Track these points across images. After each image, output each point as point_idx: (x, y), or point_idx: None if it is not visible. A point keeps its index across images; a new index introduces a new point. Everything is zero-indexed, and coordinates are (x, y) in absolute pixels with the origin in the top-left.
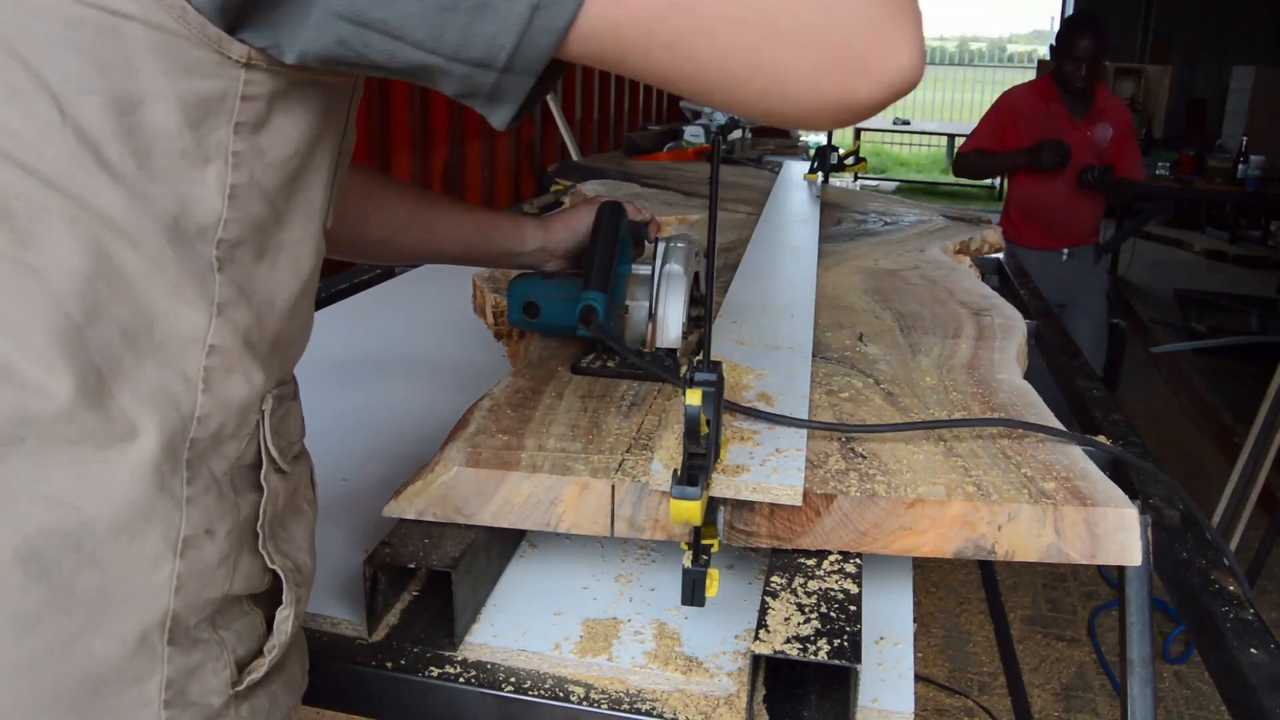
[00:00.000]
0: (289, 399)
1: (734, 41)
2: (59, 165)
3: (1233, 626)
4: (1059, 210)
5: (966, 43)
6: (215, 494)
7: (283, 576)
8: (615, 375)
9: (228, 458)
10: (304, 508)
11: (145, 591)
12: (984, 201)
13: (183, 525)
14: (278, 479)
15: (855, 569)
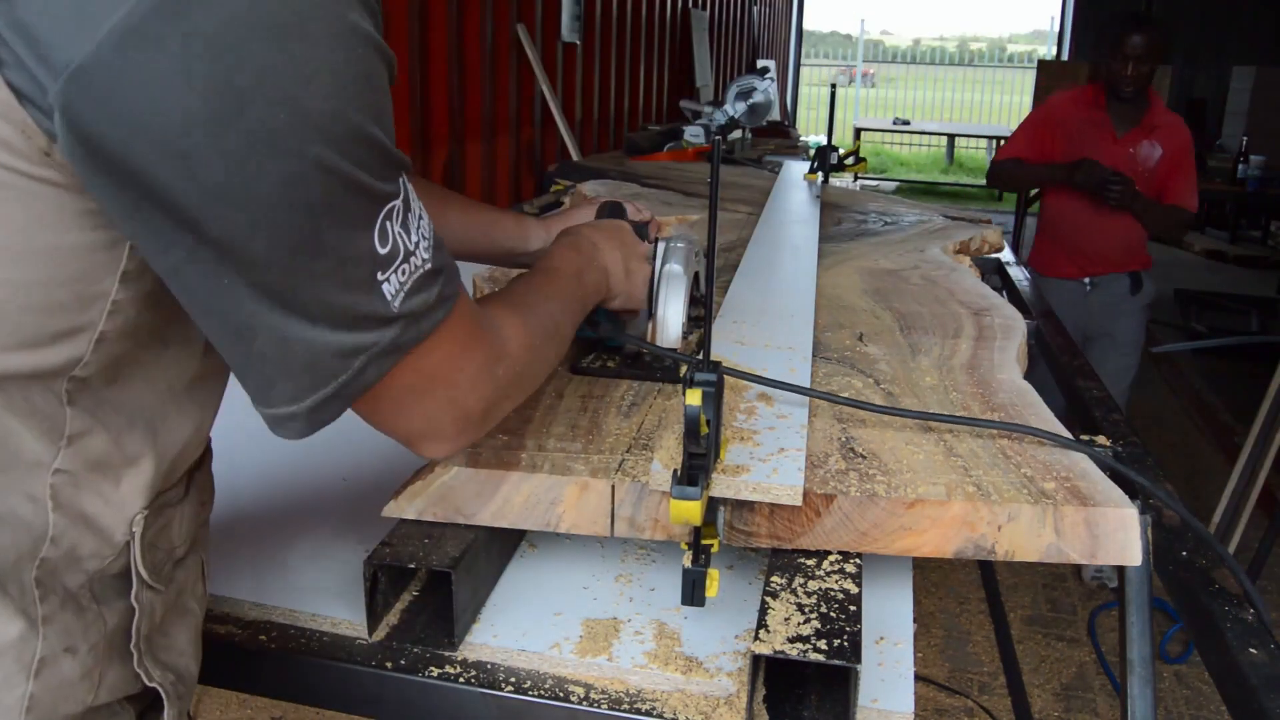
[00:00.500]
0: (172, 505)
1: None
2: None
3: (1233, 626)
4: (1082, 233)
5: (966, 43)
6: (73, 609)
7: (164, 692)
8: (615, 375)
9: (86, 573)
10: (191, 606)
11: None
12: (984, 201)
13: (39, 646)
14: (151, 595)
15: (855, 569)
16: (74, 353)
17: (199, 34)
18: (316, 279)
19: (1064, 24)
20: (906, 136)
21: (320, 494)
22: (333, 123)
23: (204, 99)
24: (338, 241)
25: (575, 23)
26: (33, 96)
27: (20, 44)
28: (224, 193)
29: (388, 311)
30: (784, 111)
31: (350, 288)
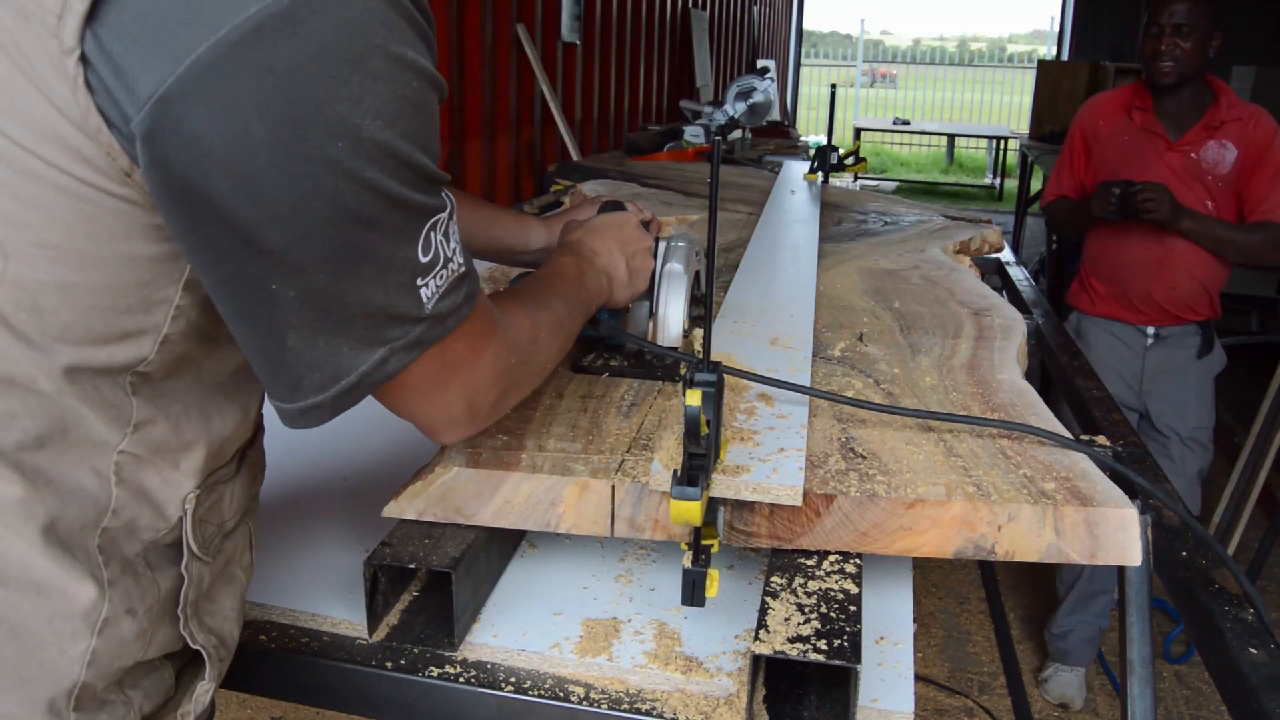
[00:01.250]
0: (224, 482)
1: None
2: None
3: (1233, 626)
4: (1139, 269)
5: (966, 43)
6: (132, 575)
7: (206, 654)
8: (617, 374)
9: (142, 542)
10: (237, 574)
11: (59, 664)
12: (984, 201)
13: (105, 607)
14: (199, 566)
15: (855, 569)
16: (139, 352)
17: (271, 70)
18: (360, 285)
19: (1064, 24)
20: (906, 136)
21: (320, 494)
22: (384, 149)
23: (271, 128)
24: (383, 252)
25: (575, 23)
26: (118, 123)
27: (109, 74)
28: (283, 211)
29: (420, 312)
30: (784, 111)
31: (390, 292)
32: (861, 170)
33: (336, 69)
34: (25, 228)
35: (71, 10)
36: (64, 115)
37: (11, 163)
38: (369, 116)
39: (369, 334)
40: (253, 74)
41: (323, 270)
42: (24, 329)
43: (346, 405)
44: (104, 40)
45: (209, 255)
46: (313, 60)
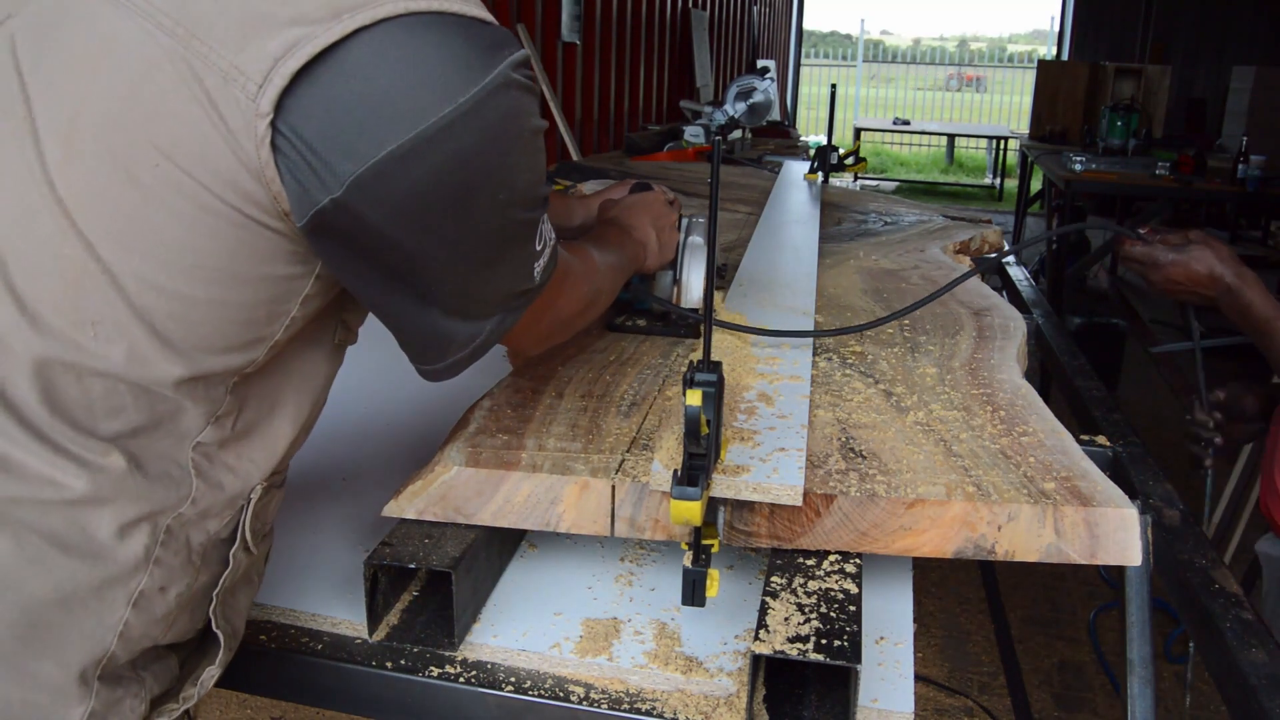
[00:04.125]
0: (276, 488)
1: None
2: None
3: (1233, 626)
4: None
5: (966, 43)
6: (182, 559)
7: (222, 639)
8: (645, 332)
9: (208, 532)
10: (254, 579)
11: (95, 632)
12: (984, 201)
13: (144, 580)
14: (244, 556)
15: (855, 569)
16: (254, 356)
17: (456, 154)
18: (499, 280)
19: (1064, 24)
20: (906, 136)
21: (320, 494)
22: (529, 193)
23: (453, 195)
24: (518, 257)
25: (575, 23)
26: (298, 183)
27: (300, 145)
28: (453, 248)
29: (531, 285)
30: (784, 111)
31: (517, 280)
32: (861, 170)
33: (496, 145)
34: (192, 251)
35: (272, 85)
36: (244, 165)
37: (190, 197)
38: (520, 173)
39: (500, 307)
40: (443, 157)
41: (474, 275)
42: (172, 337)
43: (480, 356)
44: (298, 116)
45: (379, 279)
46: (482, 142)
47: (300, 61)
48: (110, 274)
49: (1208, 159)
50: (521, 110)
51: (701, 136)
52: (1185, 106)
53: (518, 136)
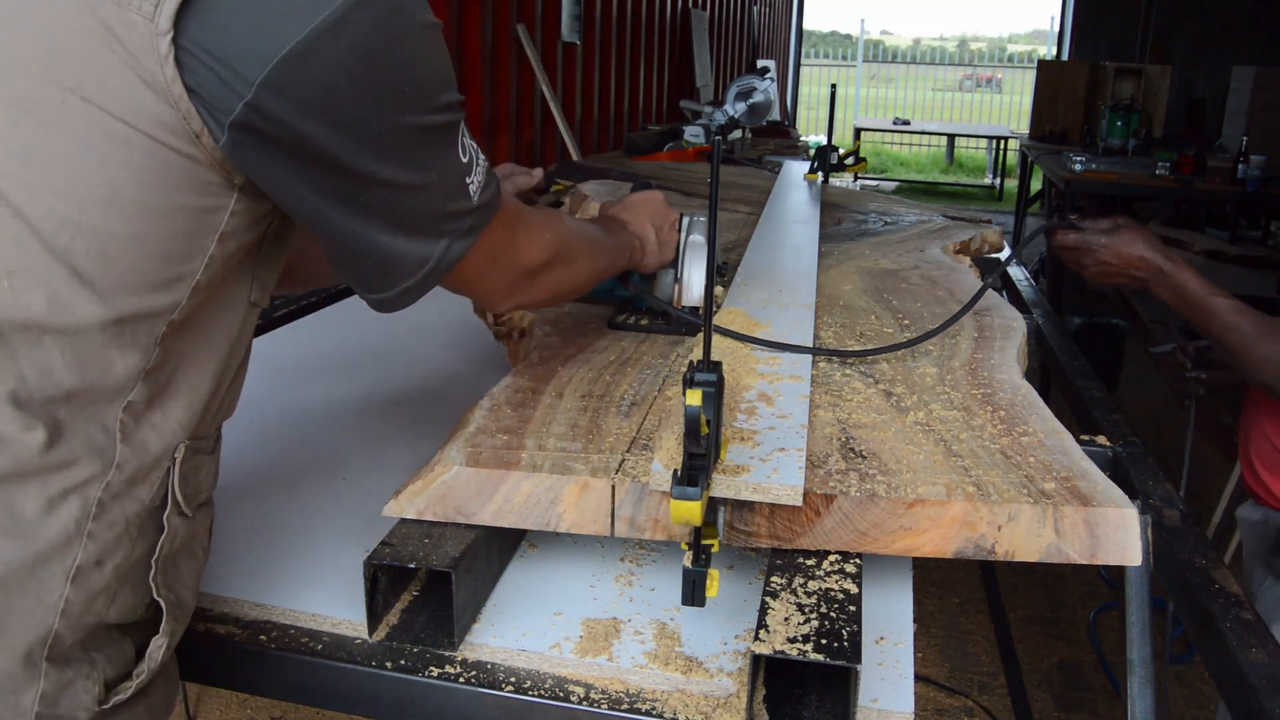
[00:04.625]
0: (204, 453)
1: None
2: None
3: (1233, 626)
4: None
5: (966, 43)
6: (117, 531)
7: (164, 607)
8: (647, 330)
9: (140, 501)
10: (198, 552)
11: (37, 611)
12: (984, 201)
13: (79, 554)
14: (179, 521)
15: (855, 569)
16: (176, 298)
17: (349, 44)
18: (429, 191)
19: (1064, 24)
20: (906, 136)
21: (320, 494)
22: (434, 89)
23: (358, 86)
24: (444, 167)
25: (575, 23)
26: (207, 96)
27: (205, 56)
28: (369, 140)
29: (470, 205)
30: (784, 111)
31: (451, 195)
32: (861, 170)
33: (396, 38)
34: (107, 185)
35: (168, 1)
36: (150, 87)
37: (100, 129)
38: (422, 66)
39: (442, 226)
40: (342, 49)
41: (400, 180)
42: (92, 277)
43: (430, 285)
44: (196, 28)
45: (310, 187)
46: (382, 33)
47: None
48: (24, 219)
49: (1208, 159)
50: (409, 4)
51: (701, 136)
52: (1185, 106)
53: (410, 27)
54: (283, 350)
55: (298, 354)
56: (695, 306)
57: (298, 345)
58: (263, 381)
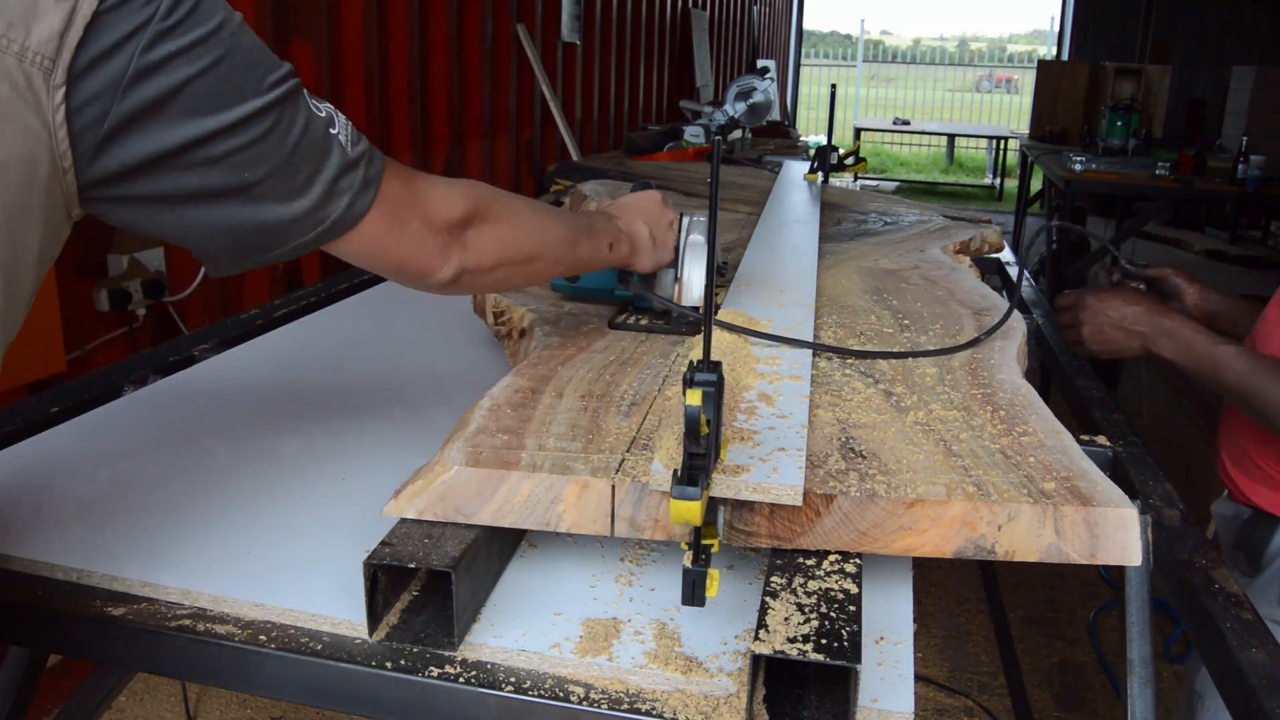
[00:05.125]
0: None
1: None
2: None
3: (1233, 626)
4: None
5: (967, 43)
6: None
7: None
8: (647, 330)
9: None
10: None
11: None
12: (984, 201)
13: None
14: None
15: (855, 569)
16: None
17: (198, 41)
18: (299, 152)
19: (1064, 24)
20: (906, 136)
21: (320, 494)
22: (260, 61)
23: (204, 78)
24: (299, 123)
25: (575, 23)
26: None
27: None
28: (227, 127)
29: (346, 157)
30: (784, 111)
31: (319, 147)
32: (861, 170)
33: (227, 38)
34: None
35: (62, 57)
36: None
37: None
38: (244, 52)
39: (329, 188)
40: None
41: (269, 153)
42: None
43: (328, 236)
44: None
45: (186, 180)
46: (230, 35)
47: (81, 31)
48: None
49: (1208, 159)
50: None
51: (701, 136)
52: (1185, 106)
53: (225, 24)
54: (283, 350)
55: (298, 353)
56: (695, 306)
57: (298, 345)
58: (263, 381)
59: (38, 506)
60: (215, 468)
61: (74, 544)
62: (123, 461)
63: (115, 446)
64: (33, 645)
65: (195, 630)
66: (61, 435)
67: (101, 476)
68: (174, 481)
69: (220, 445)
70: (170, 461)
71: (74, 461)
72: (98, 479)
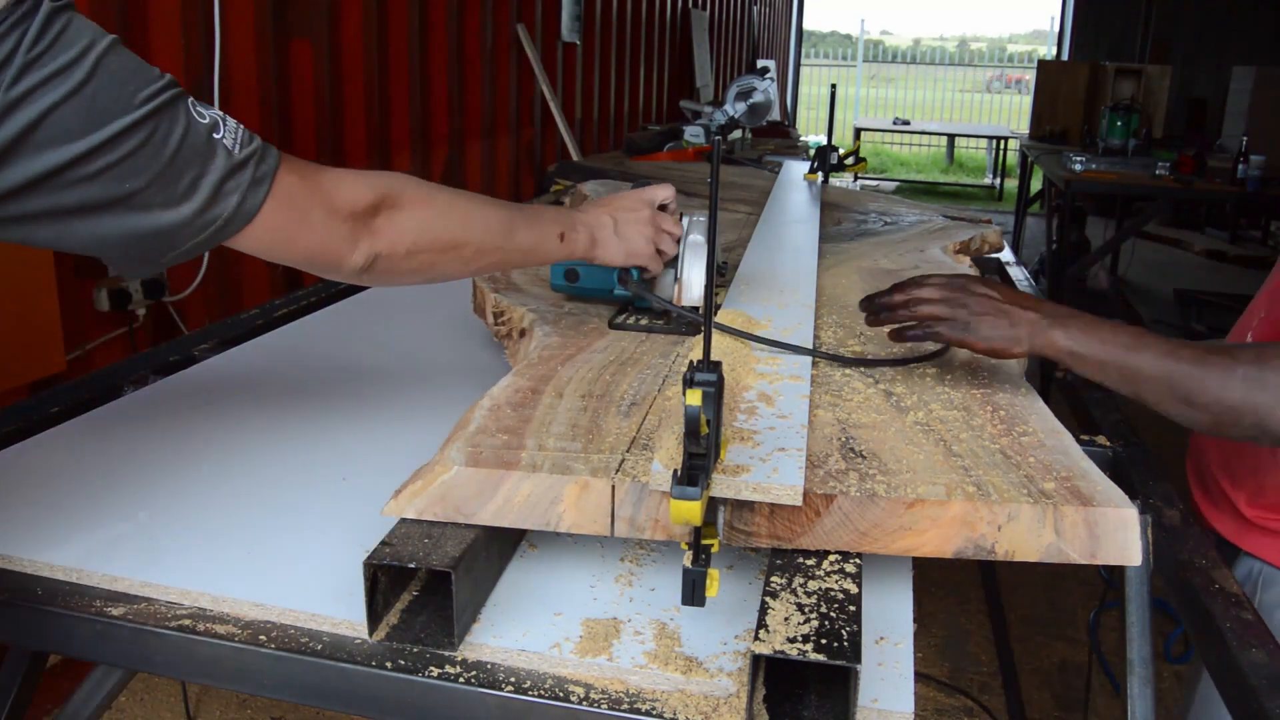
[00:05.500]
0: None
1: None
2: None
3: (1233, 626)
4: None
5: (967, 43)
6: None
7: None
8: (646, 330)
9: None
10: None
11: None
12: (984, 201)
13: None
14: None
15: (855, 569)
16: None
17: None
18: (178, 161)
19: (1064, 24)
20: (906, 136)
21: (320, 494)
22: (137, 76)
23: (79, 101)
24: (177, 132)
25: (575, 23)
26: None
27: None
28: (106, 142)
29: (232, 159)
30: (784, 111)
31: (203, 156)
32: (861, 170)
33: (93, 61)
34: None
35: None
36: None
37: None
38: (112, 73)
39: (215, 190)
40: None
41: (147, 164)
42: None
43: (222, 235)
44: None
45: (66, 197)
46: (95, 59)
47: None
48: None
49: (1208, 159)
50: (97, 32)
51: (701, 136)
52: (1185, 106)
53: (109, 51)
54: (283, 350)
55: (298, 354)
56: (695, 306)
57: (298, 345)
58: (263, 381)
59: (38, 506)
60: (215, 468)
61: (73, 544)
62: (123, 461)
63: (115, 446)
64: (33, 645)
65: (195, 630)
66: (61, 435)
67: (101, 476)
68: (173, 481)
69: (220, 445)
70: (170, 461)
71: (74, 461)
72: (98, 479)
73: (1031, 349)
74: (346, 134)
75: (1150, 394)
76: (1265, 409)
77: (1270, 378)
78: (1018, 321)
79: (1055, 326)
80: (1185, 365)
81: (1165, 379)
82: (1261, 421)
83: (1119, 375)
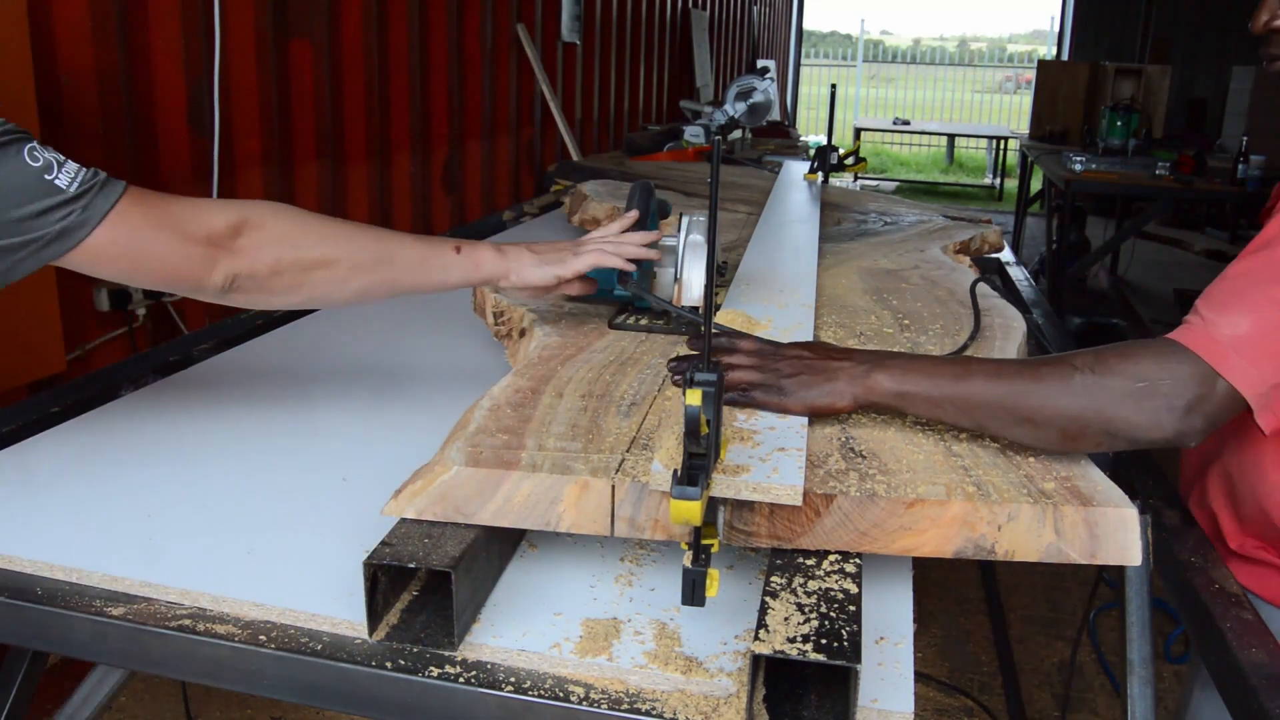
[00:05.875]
0: None
1: None
2: None
3: (1233, 626)
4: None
5: (967, 43)
6: None
7: None
8: (646, 330)
9: None
10: None
11: None
12: (984, 201)
13: None
14: None
15: (855, 569)
16: None
17: None
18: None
19: (1064, 24)
20: (906, 136)
21: (320, 494)
22: None
23: None
24: (7, 182)
25: (575, 23)
26: None
27: None
28: None
29: (66, 195)
30: (784, 111)
31: (32, 198)
32: (861, 170)
33: None
34: None
35: None
36: None
37: None
38: None
39: (38, 221)
40: None
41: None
42: None
43: (51, 259)
44: None
45: None
46: None
47: None
48: None
49: (1208, 159)
50: None
51: (701, 136)
52: (1185, 106)
53: None
54: (283, 350)
55: (297, 354)
56: (695, 306)
57: (297, 346)
58: (263, 382)
59: (38, 506)
60: (215, 467)
61: (73, 544)
62: (122, 461)
63: (115, 446)
64: (33, 645)
65: (195, 630)
66: (61, 435)
67: (101, 476)
68: (173, 481)
69: (220, 445)
70: (169, 461)
71: (74, 461)
72: (98, 479)
73: (856, 400)
74: (346, 134)
75: (991, 422)
76: (1109, 410)
77: (1109, 380)
78: (833, 376)
79: (875, 371)
80: (1019, 383)
81: (1000, 402)
82: (1108, 425)
83: (955, 409)
